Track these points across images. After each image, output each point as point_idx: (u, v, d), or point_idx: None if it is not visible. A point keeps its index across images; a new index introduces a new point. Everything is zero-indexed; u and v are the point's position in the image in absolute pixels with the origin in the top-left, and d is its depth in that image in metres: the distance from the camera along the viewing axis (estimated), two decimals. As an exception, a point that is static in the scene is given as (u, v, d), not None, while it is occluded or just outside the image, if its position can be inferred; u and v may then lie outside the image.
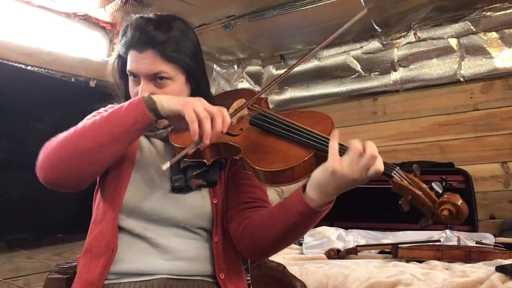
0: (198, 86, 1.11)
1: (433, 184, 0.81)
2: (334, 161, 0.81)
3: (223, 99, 1.12)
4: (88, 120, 0.96)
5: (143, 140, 1.10)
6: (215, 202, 1.04)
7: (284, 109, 3.16)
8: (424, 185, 0.81)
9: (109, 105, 1.16)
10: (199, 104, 0.88)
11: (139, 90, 1.02)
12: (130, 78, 1.07)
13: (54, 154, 0.92)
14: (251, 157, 0.90)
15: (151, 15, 1.08)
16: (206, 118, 0.86)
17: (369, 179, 0.82)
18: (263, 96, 1.08)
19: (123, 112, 0.91)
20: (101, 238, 0.99)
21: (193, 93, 1.11)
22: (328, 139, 0.85)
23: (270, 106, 1.84)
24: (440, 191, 0.81)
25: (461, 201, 0.78)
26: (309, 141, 0.88)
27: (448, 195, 0.80)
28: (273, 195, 2.95)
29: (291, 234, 0.92)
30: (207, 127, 0.85)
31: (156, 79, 1.02)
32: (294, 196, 0.89)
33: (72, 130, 0.94)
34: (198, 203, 1.03)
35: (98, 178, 1.08)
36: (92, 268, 0.97)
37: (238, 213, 1.03)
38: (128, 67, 1.04)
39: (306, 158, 0.86)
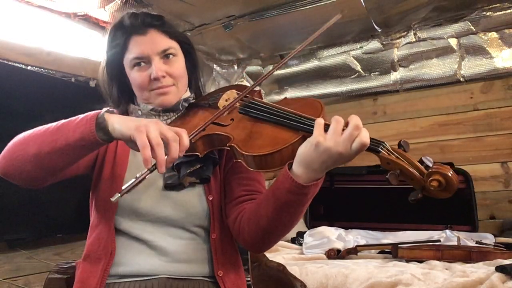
0: (193, 69, 1.16)
1: (423, 158, 0.79)
2: (318, 135, 0.80)
3: (215, 94, 1.13)
4: (51, 125, 0.93)
5: None
6: (210, 199, 1.03)
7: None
8: (413, 159, 0.79)
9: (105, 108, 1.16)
10: (154, 128, 0.81)
11: (154, 70, 1.03)
12: (135, 69, 1.06)
13: (9, 150, 0.92)
14: (241, 144, 0.90)
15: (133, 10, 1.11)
16: (158, 145, 0.80)
17: (356, 153, 0.80)
18: (256, 88, 1.07)
19: (73, 126, 0.87)
20: (98, 242, 0.99)
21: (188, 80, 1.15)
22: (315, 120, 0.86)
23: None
24: (431, 165, 0.77)
25: (451, 172, 0.75)
26: (296, 123, 0.88)
27: (437, 165, 0.76)
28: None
29: (284, 215, 0.90)
30: (160, 154, 0.80)
31: (165, 57, 1.06)
32: (281, 174, 0.88)
33: (34, 130, 0.92)
34: (194, 201, 1.02)
35: (92, 182, 1.08)
36: (93, 273, 0.97)
37: (235, 207, 1.03)
38: (134, 54, 1.05)
39: (294, 141, 0.86)
